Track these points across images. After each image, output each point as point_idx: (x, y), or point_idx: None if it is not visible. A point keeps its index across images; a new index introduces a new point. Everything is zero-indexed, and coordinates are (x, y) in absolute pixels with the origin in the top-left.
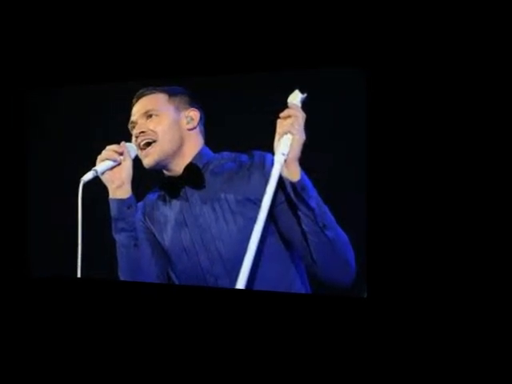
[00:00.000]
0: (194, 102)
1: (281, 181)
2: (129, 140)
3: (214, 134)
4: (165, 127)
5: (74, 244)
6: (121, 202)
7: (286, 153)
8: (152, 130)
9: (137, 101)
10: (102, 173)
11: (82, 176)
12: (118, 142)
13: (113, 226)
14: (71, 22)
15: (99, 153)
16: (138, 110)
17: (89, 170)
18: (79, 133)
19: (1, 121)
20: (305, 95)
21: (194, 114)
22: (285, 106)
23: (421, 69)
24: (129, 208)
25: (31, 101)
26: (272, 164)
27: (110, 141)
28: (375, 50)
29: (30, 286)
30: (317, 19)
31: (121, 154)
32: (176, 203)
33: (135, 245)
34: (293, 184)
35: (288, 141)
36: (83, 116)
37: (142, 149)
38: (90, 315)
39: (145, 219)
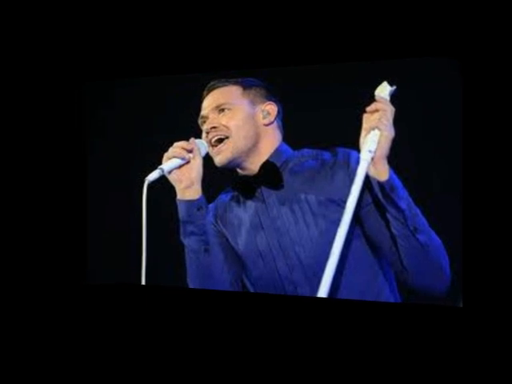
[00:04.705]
0: (271, 94)
1: (367, 180)
2: (199, 136)
3: (294, 129)
4: (239, 122)
5: (137, 249)
6: (190, 203)
7: (373, 150)
8: (224, 126)
9: (208, 94)
10: (169, 172)
11: (146, 175)
12: (187, 139)
13: (181, 229)
14: (135, 8)
15: (166, 150)
16: (209, 103)
17: (154, 168)
18: (144, 128)
19: (59, 116)
20: (394, 88)
21: (271, 108)
22: (372, 99)
23: None
24: (199, 210)
25: (91, 94)
26: (357, 162)
27: (178, 137)
28: (472, 37)
29: (91, 294)
30: (409, 3)
31: (190, 151)
32: (251, 204)
33: (206, 250)
34: (381, 184)
35: (375, 137)
36: (148, 110)
37: (213, 146)
38: (156, 325)
39: (216, 222)
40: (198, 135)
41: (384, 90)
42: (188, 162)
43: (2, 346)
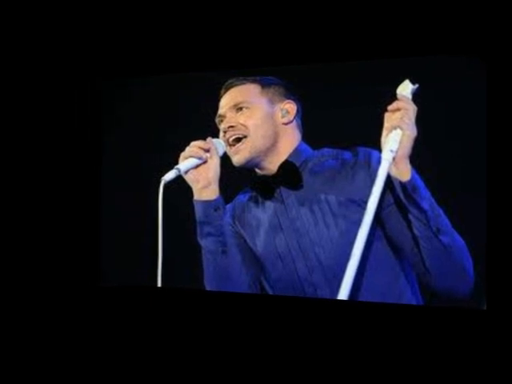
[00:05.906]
0: (290, 93)
1: (389, 181)
2: (216, 135)
3: (313, 128)
4: (257, 121)
5: (153, 250)
6: (207, 203)
7: (394, 150)
8: (242, 125)
9: (225, 92)
10: (186, 172)
11: (163, 175)
12: (204, 138)
13: (198, 230)
14: (152, 6)
15: (182, 149)
16: (226, 102)
17: (170, 168)
18: (160, 128)
19: (75, 114)
20: (416, 86)
21: (290, 107)
22: (394, 97)
23: None
24: (216, 210)
25: (107, 93)
26: (379, 162)
27: (195, 136)
28: (498, 36)
29: (105, 296)
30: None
31: (207, 150)
32: (270, 205)
33: (223, 251)
34: (403, 184)
35: (397, 136)
36: (165, 109)
37: (231, 145)
38: (173, 328)
39: (234, 223)
40: (216, 134)
41: (406, 89)
42: (205, 162)
43: (15, 348)
